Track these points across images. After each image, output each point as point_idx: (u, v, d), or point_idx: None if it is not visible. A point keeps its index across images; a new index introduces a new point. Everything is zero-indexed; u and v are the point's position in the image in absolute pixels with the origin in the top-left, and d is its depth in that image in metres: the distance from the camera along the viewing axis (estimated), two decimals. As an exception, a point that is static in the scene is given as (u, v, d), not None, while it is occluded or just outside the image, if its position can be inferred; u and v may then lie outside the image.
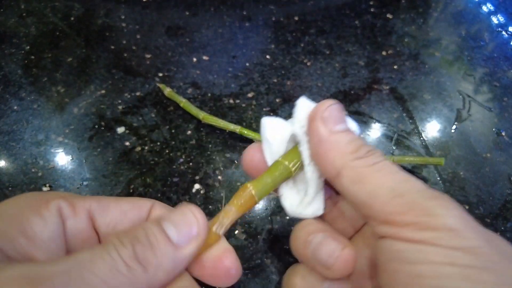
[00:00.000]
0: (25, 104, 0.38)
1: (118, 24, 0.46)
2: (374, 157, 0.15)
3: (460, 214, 0.13)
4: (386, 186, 0.14)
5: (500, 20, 0.50)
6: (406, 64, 0.44)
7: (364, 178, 0.15)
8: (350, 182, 0.15)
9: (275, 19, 0.48)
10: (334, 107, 0.17)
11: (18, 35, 0.44)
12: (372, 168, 0.15)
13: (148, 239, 0.14)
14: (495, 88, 0.42)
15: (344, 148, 0.16)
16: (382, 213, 0.14)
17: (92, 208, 0.17)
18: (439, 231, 0.13)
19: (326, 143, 0.16)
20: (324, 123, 0.16)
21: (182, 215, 0.16)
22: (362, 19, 0.49)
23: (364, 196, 0.15)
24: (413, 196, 0.14)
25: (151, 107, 0.38)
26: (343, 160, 0.16)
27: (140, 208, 0.18)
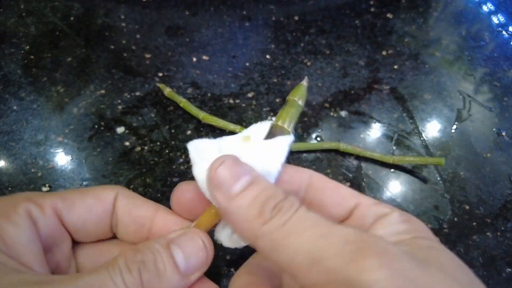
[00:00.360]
0: (25, 104, 0.38)
1: (118, 24, 0.46)
2: (281, 214, 0.14)
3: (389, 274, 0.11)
4: (302, 252, 0.13)
5: (501, 20, 0.50)
6: (406, 64, 0.44)
7: (278, 245, 0.13)
8: (267, 251, 0.14)
9: (275, 19, 0.48)
10: (225, 164, 0.15)
11: (18, 35, 0.44)
12: (282, 232, 0.13)
13: (155, 266, 0.14)
14: (496, 88, 0.42)
15: (247, 214, 0.14)
16: (305, 283, 0.13)
17: (58, 206, 0.16)
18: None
19: (229, 214, 0.15)
20: (219, 190, 0.15)
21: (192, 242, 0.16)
22: (362, 18, 0.49)
23: (284, 264, 0.13)
24: (332, 262, 0.12)
25: (151, 107, 0.38)
26: (251, 231, 0.14)
27: (105, 201, 0.17)
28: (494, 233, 0.31)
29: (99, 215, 0.17)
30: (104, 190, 0.18)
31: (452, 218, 0.32)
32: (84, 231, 0.17)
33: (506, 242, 0.31)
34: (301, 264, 0.13)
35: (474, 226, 0.32)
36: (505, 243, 0.31)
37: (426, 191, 0.33)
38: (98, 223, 0.17)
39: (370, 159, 0.35)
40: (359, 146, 0.35)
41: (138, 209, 0.18)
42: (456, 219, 0.32)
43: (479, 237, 0.31)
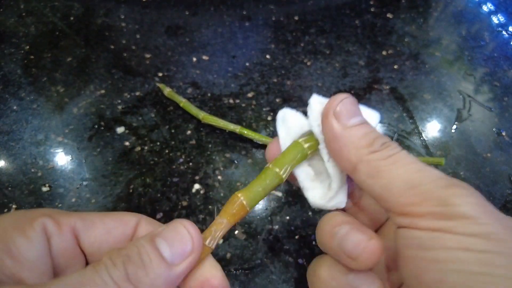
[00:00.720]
0: (25, 104, 0.38)
1: (118, 23, 0.46)
2: (389, 150, 0.15)
3: (476, 201, 0.13)
4: (401, 178, 0.14)
5: (501, 20, 0.50)
6: (406, 64, 0.44)
7: (379, 172, 0.15)
8: (366, 176, 0.15)
9: (275, 19, 0.48)
10: (346, 101, 0.17)
11: (18, 35, 0.44)
12: (387, 161, 0.15)
13: (140, 258, 0.14)
14: (496, 88, 0.42)
15: (358, 142, 0.16)
16: (398, 205, 0.14)
17: (77, 225, 0.16)
18: (455, 219, 0.13)
19: (340, 139, 0.16)
20: (337, 118, 0.16)
21: (175, 231, 0.15)
22: (362, 18, 0.49)
23: (379, 189, 0.15)
24: (428, 187, 0.14)
25: (151, 107, 0.38)
26: (358, 155, 0.16)
27: (126, 225, 0.17)
28: None
29: (118, 238, 0.17)
30: (126, 215, 0.18)
31: (452, 218, 0.32)
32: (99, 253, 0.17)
33: (506, 242, 0.31)
34: (399, 188, 0.14)
35: (474, 226, 0.32)
36: (505, 243, 0.31)
37: (426, 191, 0.33)
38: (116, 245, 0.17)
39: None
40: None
41: None
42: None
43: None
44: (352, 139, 0.16)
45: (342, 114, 0.16)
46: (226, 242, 0.29)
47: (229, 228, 0.18)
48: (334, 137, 0.16)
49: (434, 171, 0.15)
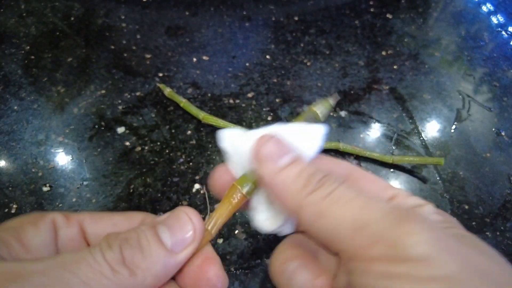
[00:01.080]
0: (25, 104, 0.38)
1: (118, 24, 0.46)
2: (327, 186, 0.14)
3: (431, 236, 0.12)
4: (346, 219, 0.13)
5: (500, 20, 0.50)
6: (406, 64, 0.44)
7: (322, 214, 0.14)
8: (310, 221, 0.14)
9: (275, 19, 0.48)
10: (270, 143, 0.16)
11: (18, 35, 0.44)
12: (327, 201, 0.14)
13: (139, 242, 0.14)
14: (495, 88, 0.42)
15: (293, 186, 0.15)
16: (348, 248, 0.13)
17: (85, 220, 0.17)
18: (409, 263, 0.12)
19: (274, 185, 0.15)
20: (266, 164, 0.15)
21: (177, 219, 0.15)
22: (362, 19, 0.49)
23: (327, 233, 0.14)
24: (377, 226, 0.13)
25: (151, 107, 0.38)
26: (296, 200, 0.15)
27: (132, 220, 0.17)
28: (494, 232, 0.31)
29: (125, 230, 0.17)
30: (133, 212, 0.18)
31: (451, 218, 0.32)
32: None
33: (506, 242, 0.31)
34: (345, 230, 0.13)
35: (474, 225, 0.32)
36: (504, 243, 0.31)
37: (425, 190, 0.33)
38: None
39: (369, 159, 0.35)
40: (358, 146, 0.35)
41: None
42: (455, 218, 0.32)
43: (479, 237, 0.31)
44: (286, 184, 0.15)
45: (270, 157, 0.15)
46: (226, 242, 0.29)
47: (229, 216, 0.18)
48: (269, 184, 0.16)
49: (380, 205, 0.13)
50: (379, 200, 0.14)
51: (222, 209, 0.17)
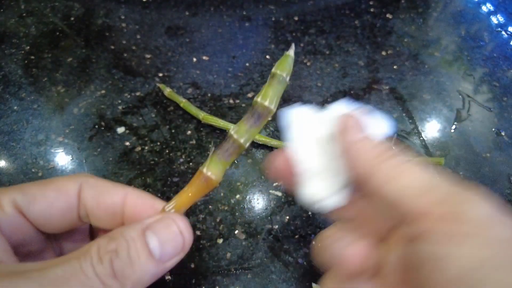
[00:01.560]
0: (25, 104, 0.38)
1: (118, 24, 0.46)
2: (399, 159, 0.16)
3: (493, 204, 0.13)
4: (417, 182, 0.15)
5: (500, 20, 0.50)
6: (405, 64, 0.44)
7: (394, 177, 0.15)
8: (380, 183, 0.15)
9: (275, 19, 0.48)
10: (355, 118, 0.18)
11: (18, 35, 0.44)
12: (400, 168, 0.15)
13: (129, 255, 0.14)
14: (495, 88, 0.42)
15: (370, 153, 0.16)
16: (416, 206, 0.14)
17: (18, 201, 0.16)
18: (474, 222, 0.13)
19: (352, 151, 0.17)
20: (352, 131, 0.17)
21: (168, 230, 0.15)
22: (362, 19, 0.49)
23: (395, 194, 0.15)
24: (445, 189, 0.14)
25: (151, 107, 0.38)
26: (371, 164, 0.16)
27: (67, 194, 0.17)
28: None
29: (62, 209, 0.17)
30: (66, 182, 0.18)
31: (451, 218, 0.32)
32: (49, 224, 0.17)
33: (505, 242, 0.31)
34: (415, 190, 0.14)
35: (474, 225, 0.32)
36: (504, 243, 0.31)
37: (425, 191, 0.33)
38: (63, 216, 0.17)
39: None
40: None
41: (106, 198, 0.18)
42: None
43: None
44: (364, 149, 0.16)
45: (351, 129, 0.17)
46: (226, 242, 0.29)
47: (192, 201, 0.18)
48: (346, 150, 0.17)
49: (448, 178, 0.15)
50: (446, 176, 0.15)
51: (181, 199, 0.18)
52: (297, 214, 0.31)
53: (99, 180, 0.19)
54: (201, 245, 0.29)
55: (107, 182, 0.19)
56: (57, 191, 0.17)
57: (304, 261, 0.28)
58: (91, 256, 0.14)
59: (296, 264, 0.28)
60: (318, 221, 0.30)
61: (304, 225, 0.30)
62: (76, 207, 0.17)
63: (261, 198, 0.32)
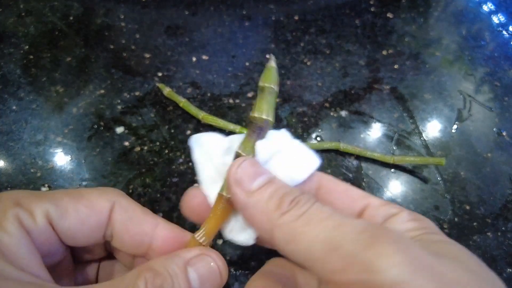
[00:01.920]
0: (24, 104, 0.38)
1: (117, 23, 0.46)
2: (299, 207, 0.14)
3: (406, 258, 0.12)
4: (319, 240, 0.13)
5: (501, 20, 0.50)
6: (406, 63, 0.44)
7: (295, 236, 0.14)
8: (283, 243, 0.14)
9: (275, 19, 0.48)
10: (244, 164, 0.16)
11: (17, 34, 0.44)
12: (300, 222, 0.14)
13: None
14: (496, 87, 0.42)
15: (266, 207, 0.15)
16: (322, 272, 0.13)
17: (50, 213, 0.16)
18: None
19: (248, 207, 0.16)
20: (240, 186, 0.16)
21: (207, 266, 0.16)
22: (362, 18, 0.49)
23: (301, 255, 0.14)
24: (349, 247, 0.12)
25: (151, 106, 0.38)
26: (269, 222, 0.15)
27: (99, 213, 0.17)
28: (495, 233, 0.31)
29: (92, 226, 0.17)
30: (99, 198, 0.18)
31: (452, 218, 0.32)
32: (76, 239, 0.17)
33: (507, 242, 0.31)
34: (318, 252, 0.13)
35: (475, 226, 0.32)
36: (505, 243, 0.31)
37: (426, 191, 0.33)
38: (91, 233, 0.17)
39: (370, 159, 0.34)
40: (359, 146, 0.35)
41: (136, 226, 0.18)
42: (456, 219, 0.32)
43: (480, 237, 0.31)
44: (259, 204, 0.15)
45: (244, 179, 0.16)
46: (226, 243, 0.29)
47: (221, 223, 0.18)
48: (242, 206, 0.16)
49: (353, 224, 0.13)
50: (352, 219, 0.13)
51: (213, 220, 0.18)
52: (297, 214, 0.31)
53: (131, 203, 0.19)
54: (201, 246, 0.29)
55: (138, 207, 0.19)
56: (90, 208, 0.17)
57: (304, 262, 0.28)
58: None
59: (296, 265, 0.28)
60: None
61: (304, 226, 0.30)
62: (105, 226, 0.17)
63: (261, 199, 0.31)
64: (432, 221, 0.31)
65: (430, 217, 0.31)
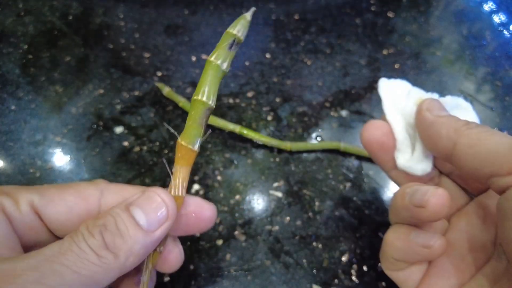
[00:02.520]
0: (23, 103, 0.37)
1: (117, 23, 0.46)
2: (482, 128, 0.17)
3: None
4: (505, 143, 0.15)
5: (502, 19, 0.50)
6: (407, 63, 0.43)
7: (481, 140, 0.16)
8: (467, 147, 0.16)
9: (275, 18, 0.48)
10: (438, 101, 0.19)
11: (16, 34, 0.44)
12: (486, 133, 0.16)
13: (117, 227, 0.15)
14: (497, 87, 0.42)
15: (455, 123, 0.17)
16: (506, 164, 0.15)
17: (35, 202, 0.16)
18: None
19: (436, 124, 0.18)
20: (430, 111, 0.18)
21: (149, 200, 0.16)
22: (363, 17, 0.48)
23: (484, 155, 0.15)
24: None
25: (150, 106, 0.38)
26: (457, 131, 0.17)
27: (87, 201, 0.17)
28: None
29: (81, 214, 0.17)
30: (87, 187, 0.18)
31: (453, 219, 0.32)
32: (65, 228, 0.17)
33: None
34: (504, 150, 0.15)
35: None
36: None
37: (427, 191, 0.33)
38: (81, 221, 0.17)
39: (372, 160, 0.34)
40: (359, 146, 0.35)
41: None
42: None
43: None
44: (448, 122, 0.17)
45: (434, 108, 0.19)
46: (225, 243, 0.29)
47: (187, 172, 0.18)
48: (430, 124, 0.18)
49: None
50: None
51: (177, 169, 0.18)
52: (298, 215, 0.30)
53: (119, 185, 0.19)
54: (201, 247, 0.28)
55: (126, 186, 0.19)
56: (77, 196, 0.17)
57: (304, 262, 0.28)
58: (82, 232, 0.14)
59: (296, 265, 0.28)
60: (319, 222, 0.30)
61: (304, 226, 0.30)
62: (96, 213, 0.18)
63: (261, 199, 0.31)
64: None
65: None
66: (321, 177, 0.33)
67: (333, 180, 0.33)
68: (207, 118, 0.19)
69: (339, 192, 0.32)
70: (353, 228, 0.30)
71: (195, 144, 0.18)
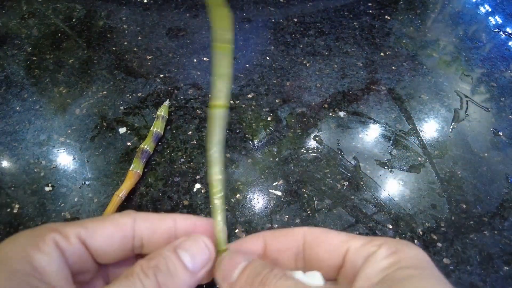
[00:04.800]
0: (28, 104, 0.38)
1: (120, 25, 0.47)
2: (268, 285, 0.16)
3: None
4: None
5: (497, 21, 0.51)
6: (404, 65, 0.44)
7: None
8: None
9: (275, 21, 0.48)
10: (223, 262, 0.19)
11: (20, 36, 0.45)
12: None
13: (168, 268, 0.17)
14: (492, 88, 0.43)
15: None
16: None
17: (82, 235, 0.18)
18: None
19: None
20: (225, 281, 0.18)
21: (196, 245, 0.18)
22: (360, 20, 0.49)
23: None
24: None
25: (153, 107, 0.38)
26: None
27: (123, 229, 0.20)
28: (491, 231, 0.32)
29: (120, 240, 0.19)
30: (122, 217, 0.20)
31: (449, 217, 0.32)
32: (107, 255, 0.20)
33: (503, 241, 0.31)
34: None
35: (471, 225, 0.32)
36: (502, 242, 0.31)
37: (423, 190, 0.34)
38: (120, 247, 0.20)
39: (369, 159, 0.35)
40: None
41: (161, 225, 0.21)
42: (453, 218, 0.32)
43: (476, 236, 0.31)
44: None
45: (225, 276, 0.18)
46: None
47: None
48: None
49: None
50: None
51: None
52: (297, 213, 0.31)
53: (149, 213, 0.21)
54: (202, 244, 0.29)
55: (155, 214, 0.21)
56: (115, 225, 0.20)
57: (303, 260, 0.28)
58: (137, 273, 0.16)
59: (295, 262, 0.28)
60: (318, 220, 0.31)
61: (303, 224, 0.30)
62: (131, 239, 0.20)
63: (261, 198, 0.32)
64: (429, 219, 0.32)
65: (427, 216, 0.32)
66: (319, 176, 0.34)
67: (331, 179, 0.33)
68: None
69: (337, 191, 0.33)
70: (351, 225, 0.30)
71: None
